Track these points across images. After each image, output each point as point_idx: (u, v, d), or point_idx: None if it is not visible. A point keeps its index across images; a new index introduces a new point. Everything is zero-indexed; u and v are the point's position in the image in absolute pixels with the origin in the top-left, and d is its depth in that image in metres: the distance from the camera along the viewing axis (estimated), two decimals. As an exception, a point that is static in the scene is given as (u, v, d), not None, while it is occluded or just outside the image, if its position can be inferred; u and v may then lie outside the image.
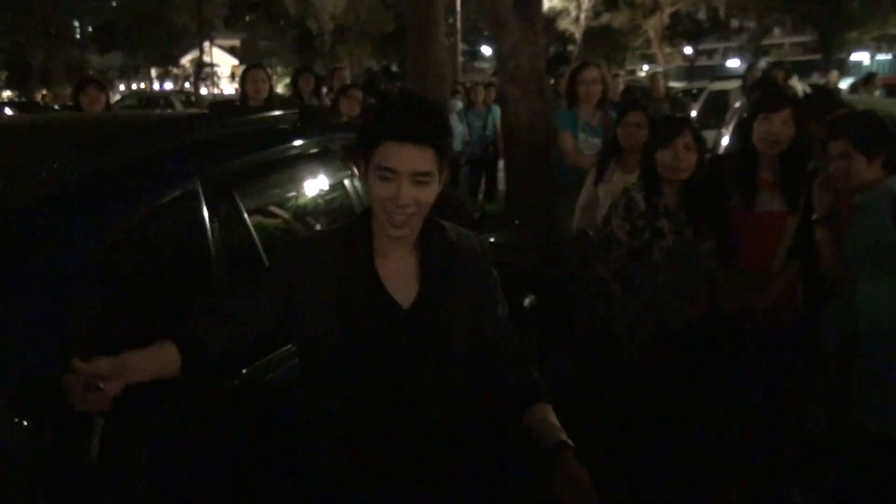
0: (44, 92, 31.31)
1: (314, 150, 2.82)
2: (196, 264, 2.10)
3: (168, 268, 2.04)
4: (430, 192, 1.82)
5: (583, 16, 33.70)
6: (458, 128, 9.49)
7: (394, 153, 1.76)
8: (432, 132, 1.80)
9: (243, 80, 6.33)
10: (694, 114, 10.74)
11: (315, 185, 2.84)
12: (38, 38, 34.12)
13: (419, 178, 1.78)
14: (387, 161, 1.77)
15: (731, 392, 3.54)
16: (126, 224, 1.87)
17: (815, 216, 3.21)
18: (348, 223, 1.98)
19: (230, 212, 2.26)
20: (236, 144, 2.46)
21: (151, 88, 44.17)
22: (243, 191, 2.35)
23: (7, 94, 36.09)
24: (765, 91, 4.88)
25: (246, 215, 2.31)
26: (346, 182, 2.87)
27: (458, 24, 19.01)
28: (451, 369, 1.93)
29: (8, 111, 13.25)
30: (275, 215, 2.61)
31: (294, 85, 7.79)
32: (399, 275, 1.90)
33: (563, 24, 33.98)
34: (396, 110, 1.80)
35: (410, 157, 1.77)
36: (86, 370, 1.47)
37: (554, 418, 1.94)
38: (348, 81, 8.20)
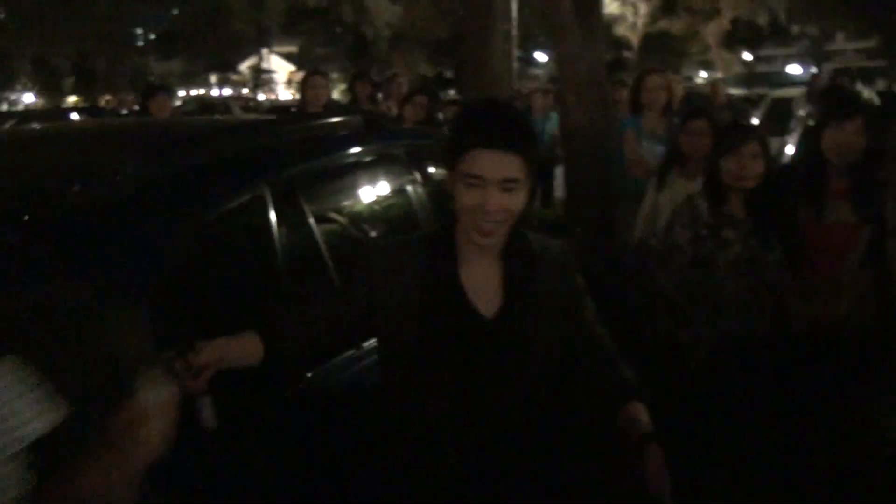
0: (107, 97, 32.07)
1: (377, 156, 2.83)
2: (263, 269, 2.11)
3: (235, 272, 2.06)
4: (518, 200, 1.80)
5: (640, 21, 33.37)
6: None
7: (481, 160, 1.75)
8: (520, 139, 1.78)
9: (303, 86, 6.39)
10: (755, 121, 10.55)
11: (378, 190, 2.84)
12: (102, 45, 34.97)
13: (507, 185, 1.77)
14: (474, 168, 1.76)
15: (801, 406, 3.45)
16: (196, 228, 1.89)
17: (889, 226, 3.13)
18: (432, 231, 1.98)
19: (296, 217, 2.27)
20: (303, 150, 2.47)
21: (210, 94, 44.92)
22: (309, 196, 2.36)
23: (72, 99, 37.06)
24: (835, 99, 4.77)
25: (311, 220, 2.32)
26: (409, 188, 2.87)
27: (514, 30, 18.96)
28: (535, 379, 1.90)
29: (75, 116, 13.56)
30: (339, 221, 2.62)
31: (351, 91, 7.84)
32: (483, 285, 1.88)
33: (620, 29, 33.67)
34: (483, 117, 1.81)
35: (498, 164, 1.76)
36: (196, 363, 1.60)
37: (645, 415, 1.89)
38: (405, 88, 8.22)
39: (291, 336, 1.83)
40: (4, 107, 35.23)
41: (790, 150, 7.12)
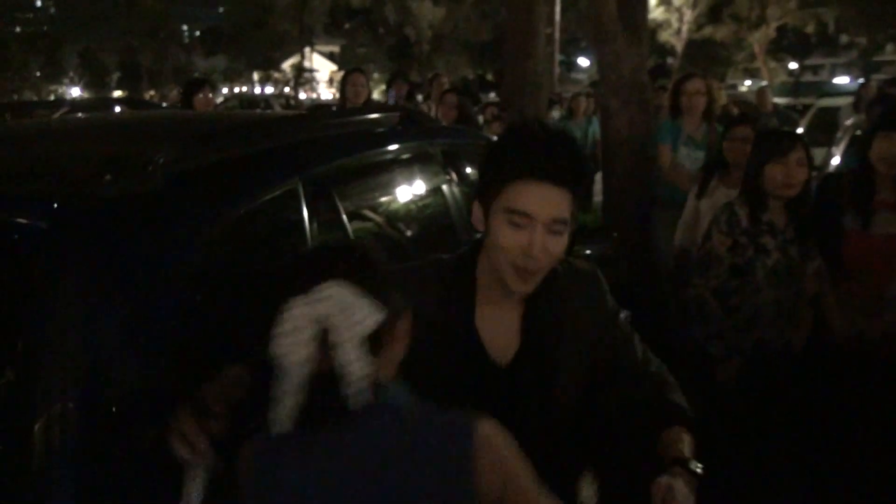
0: (152, 92, 32.52)
1: (413, 154, 2.79)
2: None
3: (266, 265, 2.03)
4: (563, 244, 1.60)
5: (685, 28, 33.05)
6: None
7: (530, 194, 1.54)
8: (575, 173, 1.58)
9: (343, 84, 6.39)
10: (800, 130, 10.38)
11: (413, 188, 2.81)
12: (149, 41, 35.51)
13: (556, 228, 1.57)
14: (520, 203, 1.55)
15: (838, 424, 3.35)
16: (227, 221, 1.86)
17: None
18: (450, 260, 1.78)
19: (329, 213, 2.24)
20: (337, 145, 2.44)
21: (252, 92, 45.35)
22: (342, 192, 2.33)
23: (117, 94, 37.66)
24: (885, 108, 4.64)
25: (344, 217, 2.29)
26: (445, 187, 2.83)
27: (557, 33, 18.85)
28: (557, 417, 1.75)
29: (118, 109, 13.74)
30: (372, 219, 2.59)
31: (389, 90, 7.86)
32: (501, 327, 1.71)
33: (664, 35, 33.38)
34: (535, 143, 1.57)
35: (549, 201, 1.55)
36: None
37: (685, 441, 1.70)
38: (447, 88, 8.21)
39: None
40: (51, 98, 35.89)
41: (836, 160, 6.97)
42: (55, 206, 1.59)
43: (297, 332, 1.32)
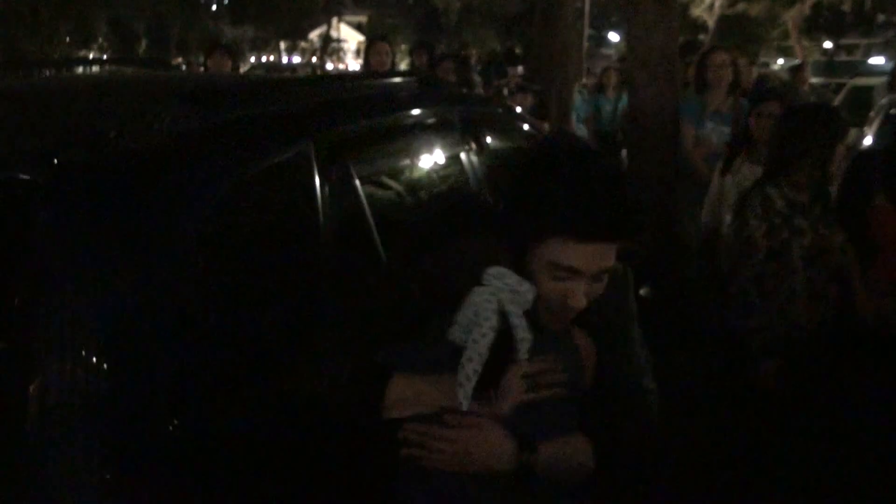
0: (179, 60, 32.56)
1: (432, 121, 2.72)
2: (304, 230, 2.02)
3: (275, 230, 1.98)
4: (604, 286, 1.56)
5: (717, 3, 32.46)
6: (582, 108, 9.30)
7: (579, 253, 1.46)
8: (630, 226, 1.50)
9: (367, 52, 6.34)
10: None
11: (431, 156, 2.74)
12: (177, 9, 35.46)
13: (601, 276, 1.53)
14: (567, 260, 1.47)
15: (862, 405, 3.28)
16: (235, 182, 1.81)
17: None
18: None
19: (342, 178, 2.18)
20: (353, 108, 2.38)
21: (280, 61, 45.26)
22: (357, 157, 2.27)
23: (145, 61, 37.69)
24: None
25: (357, 182, 2.23)
26: (463, 156, 2.76)
27: (587, 7, 18.61)
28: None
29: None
30: (387, 186, 2.53)
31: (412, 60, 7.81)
32: None
33: (697, 11, 32.81)
34: (588, 199, 1.45)
35: (602, 256, 1.49)
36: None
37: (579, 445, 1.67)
38: (474, 60, 8.15)
39: None
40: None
41: (868, 139, 6.83)
42: (55, 161, 1.55)
43: (486, 319, 1.50)
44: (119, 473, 1.44)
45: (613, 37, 41.33)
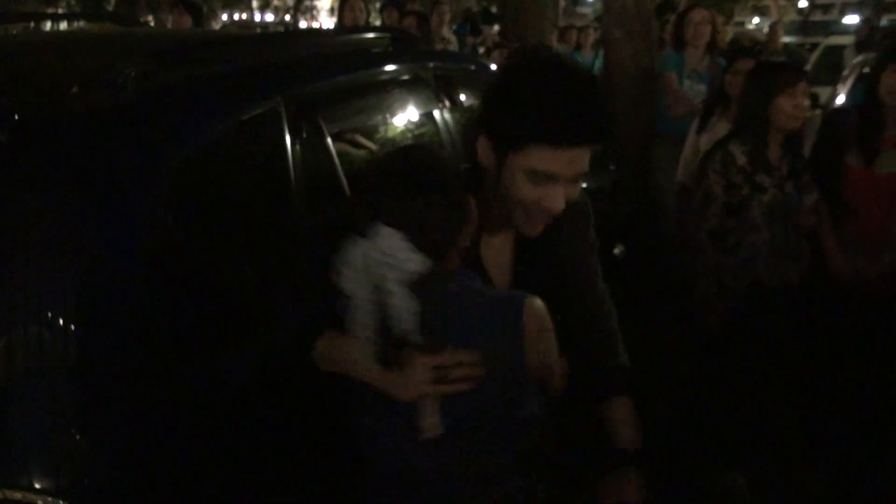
0: (149, 17, 31.91)
1: (405, 77, 2.69)
2: (274, 188, 1.99)
3: (244, 189, 1.95)
4: (579, 188, 1.60)
5: (693, -38, 32.32)
6: None
7: (556, 158, 1.49)
8: (604, 130, 1.53)
9: (340, 9, 6.23)
10: (807, 68, 10.21)
11: (404, 113, 2.70)
12: (146, -36, 34.75)
13: (576, 179, 1.56)
14: (545, 166, 1.50)
15: (832, 364, 3.32)
16: (202, 140, 1.77)
17: None
18: None
19: (313, 135, 2.15)
20: (324, 65, 2.34)
21: (252, 19, 44.53)
22: (328, 114, 2.23)
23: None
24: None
25: (329, 140, 2.20)
26: (437, 113, 2.73)
27: (563, -36, 18.40)
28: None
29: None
30: (360, 143, 2.50)
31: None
32: (498, 255, 1.72)
33: (672, -31, 32.62)
34: (563, 105, 1.48)
35: (577, 160, 1.51)
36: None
37: (631, 419, 1.79)
38: (447, 18, 8.04)
39: None
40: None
41: (841, 98, 6.85)
42: (16, 117, 1.50)
43: (357, 273, 1.47)
44: (89, 435, 1.42)
45: (590, -5, 41.01)
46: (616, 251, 3.86)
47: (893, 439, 3.23)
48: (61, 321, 1.43)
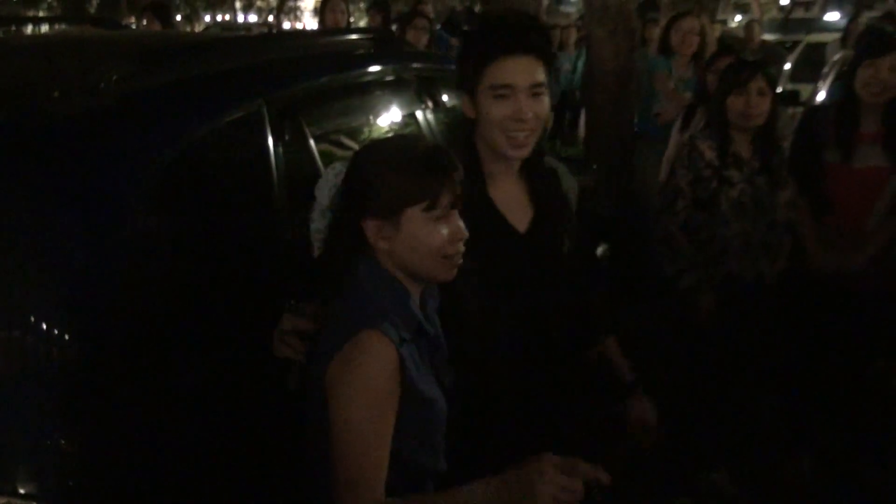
0: (131, 19, 31.74)
1: (388, 78, 2.69)
2: (257, 189, 2.00)
3: (227, 192, 1.95)
4: (546, 105, 1.82)
5: (676, -40, 32.42)
6: None
7: (510, 68, 1.76)
8: (543, 41, 1.81)
9: (322, 10, 6.20)
10: (788, 66, 10.27)
11: (387, 114, 2.71)
12: (129, -35, 34.53)
13: (536, 90, 1.78)
14: (501, 78, 1.76)
15: (813, 357, 3.35)
16: (185, 142, 1.78)
17: None
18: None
19: (295, 137, 2.15)
20: (306, 67, 2.34)
21: (235, 20, 44.33)
22: (310, 116, 2.23)
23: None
24: (871, 36, 4.55)
25: (312, 142, 2.20)
26: (419, 114, 2.74)
27: (546, -36, 18.42)
28: (570, 292, 1.96)
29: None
30: (343, 144, 2.50)
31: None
32: (511, 201, 1.90)
33: (654, -32, 32.73)
34: (503, 24, 1.80)
35: (526, 70, 1.76)
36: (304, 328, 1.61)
37: (622, 358, 2.08)
38: (425, 40, 8.01)
39: None
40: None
41: (821, 95, 6.90)
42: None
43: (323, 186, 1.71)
44: (72, 439, 1.43)
45: (573, -7, 41.06)
46: (599, 251, 3.88)
47: (873, 433, 3.27)
48: (44, 326, 1.43)
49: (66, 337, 1.45)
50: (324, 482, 1.48)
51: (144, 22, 5.53)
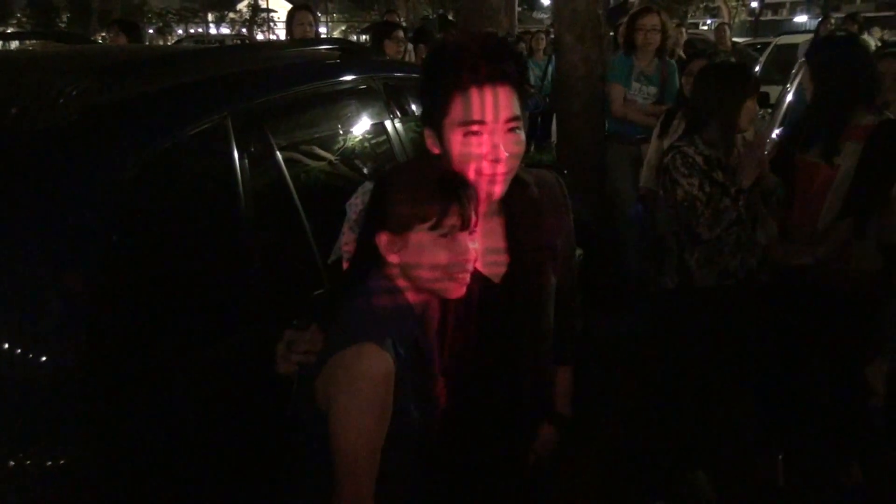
0: (103, 34, 31.57)
1: (355, 88, 2.69)
2: (223, 202, 1.99)
3: (192, 204, 1.94)
4: (522, 141, 1.60)
5: (646, -35, 32.70)
6: None
7: (477, 102, 1.52)
8: (517, 70, 1.57)
9: (289, 23, 6.18)
10: (758, 68, 10.35)
11: (355, 125, 2.70)
12: (99, -21, 34.35)
13: (511, 126, 1.56)
14: (470, 113, 1.53)
15: (777, 354, 3.39)
16: (148, 156, 1.76)
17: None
18: None
19: (261, 149, 2.15)
20: (271, 78, 2.33)
21: (207, 32, 44.21)
22: (276, 127, 2.23)
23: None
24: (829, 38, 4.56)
25: (278, 153, 2.20)
26: (388, 123, 2.73)
27: (517, -29, 18.53)
28: (545, 341, 1.85)
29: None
30: (309, 154, 2.49)
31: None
32: (487, 244, 1.70)
33: (625, -27, 32.98)
34: (467, 51, 1.53)
35: (502, 103, 1.54)
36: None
37: (569, 383, 2.03)
38: (403, 24, 8.01)
39: None
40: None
41: (790, 97, 6.95)
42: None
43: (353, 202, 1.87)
44: (55, 446, 1.43)
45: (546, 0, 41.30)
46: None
47: (846, 431, 3.30)
48: (21, 334, 1.43)
49: (39, 346, 1.45)
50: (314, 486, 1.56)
51: (110, 37, 5.53)
